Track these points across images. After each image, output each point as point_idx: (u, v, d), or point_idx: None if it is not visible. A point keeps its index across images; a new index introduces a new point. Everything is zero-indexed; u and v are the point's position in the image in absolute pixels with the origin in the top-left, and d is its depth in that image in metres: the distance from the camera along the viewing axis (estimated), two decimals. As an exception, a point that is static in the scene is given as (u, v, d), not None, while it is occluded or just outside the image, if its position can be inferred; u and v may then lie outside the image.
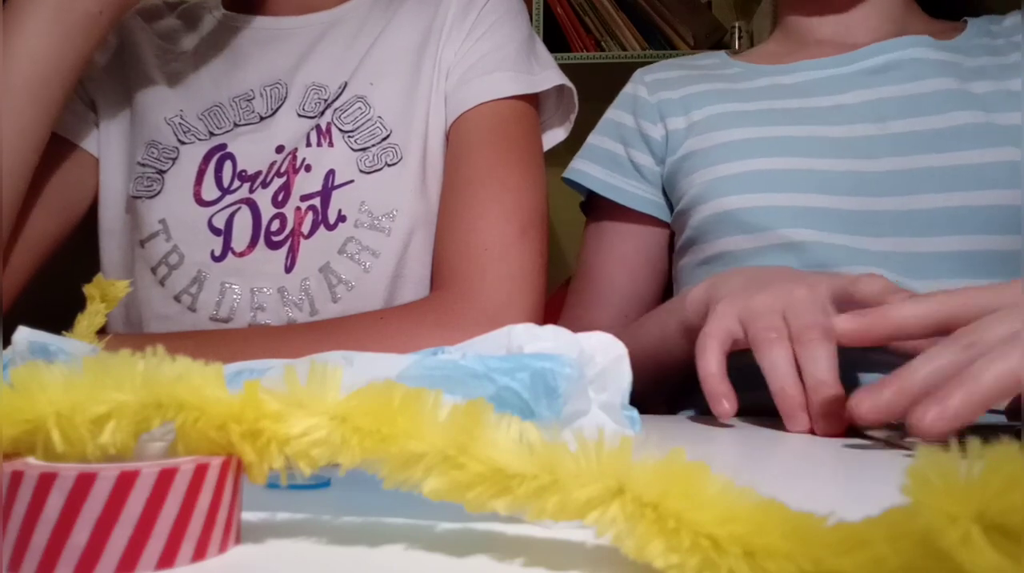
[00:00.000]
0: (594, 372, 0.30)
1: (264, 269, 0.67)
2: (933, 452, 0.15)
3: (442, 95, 0.73)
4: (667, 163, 0.79)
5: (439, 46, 0.73)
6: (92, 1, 0.61)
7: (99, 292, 0.43)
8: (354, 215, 0.68)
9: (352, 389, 0.21)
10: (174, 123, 0.72)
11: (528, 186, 0.70)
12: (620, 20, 1.60)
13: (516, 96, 0.72)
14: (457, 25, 0.74)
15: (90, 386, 0.20)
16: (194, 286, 0.67)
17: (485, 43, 0.73)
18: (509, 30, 0.74)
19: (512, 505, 0.19)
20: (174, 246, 0.68)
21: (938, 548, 0.14)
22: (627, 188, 0.80)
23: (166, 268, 0.68)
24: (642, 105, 0.82)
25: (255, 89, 0.73)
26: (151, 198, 0.70)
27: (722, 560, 0.17)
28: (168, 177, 0.70)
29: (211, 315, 0.67)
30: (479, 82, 0.71)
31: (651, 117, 0.81)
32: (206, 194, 0.69)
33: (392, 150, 0.70)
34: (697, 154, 0.75)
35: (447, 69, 0.73)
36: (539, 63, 0.75)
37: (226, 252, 0.67)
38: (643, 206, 0.80)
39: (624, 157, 0.81)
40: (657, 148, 0.80)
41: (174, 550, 0.19)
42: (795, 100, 0.74)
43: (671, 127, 0.79)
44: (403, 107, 0.72)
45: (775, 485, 0.30)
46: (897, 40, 0.73)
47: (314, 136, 0.70)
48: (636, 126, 0.81)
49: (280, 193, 0.68)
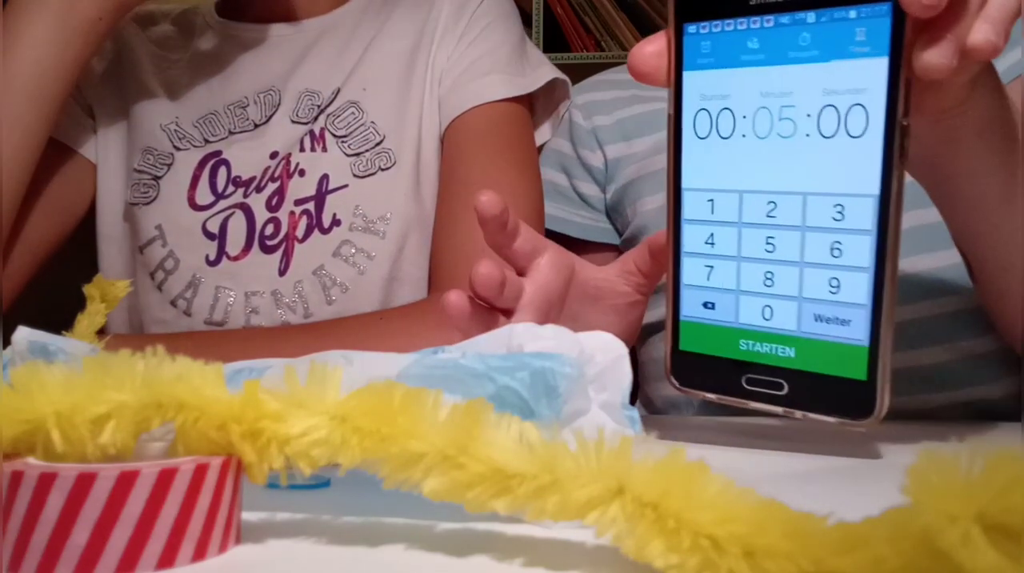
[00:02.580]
0: (594, 371, 0.30)
1: (258, 273, 0.67)
2: (933, 452, 0.15)
3: (435, 99, 0.73)
4: (609, 191, 0.76)
5: (431, 51, 0.74)
6: (91, 7, 0.61)
7: (99, 292, 0.43)
8: (348, 219, 0.68)
9: (352, 388, 0.21)
10: (169, 130, 0.73)
11: (524, 187, 0.71)
12: (620, 20, 1.60)
13: (509, 99, 0.72)
14: (449, 29, 0.74)
15: (90, 386, 0.20)
16: (189, 290, 0.68)
17: (477, 47, 0.74)
18: (501, 33, 0.75)
19: (512, 505, 0.19)
20: (170, 251, 0.69)
21: (938, 548, 0.14)
22: (577, 220, 0.77)
23: (163, 273, 0.69)
24: (578, 131, 0.79)
25: (249, 96, 0.73)
26: (147, 204, 0.70)
27: (722, 560, 0.17)
28: (163, 183, 0.70)
29: (205, 319, 0.68)
30: (472, 86, 0.72)
31: (588, 144, 0.78)
32: (200, 199, 0.69)
33: (385, 155, 0.71)
34: (637, 182, 0.72)
35: (440, 73, 0.73)
36: (530, 64, 0.76)
37: (221, 256, 0.68)
38: (593, 235, 0.77)
39: (568, 187, 0.79)
40: (599, 175, 0.77)
41: (174, 550, 0.19)
42: None
43: (611, 155, 0.76)
44: (396, 112, 0.72)
45: (775, 485, 0.30)
46: None
47: (308, 141, 0.70)
48: (575, 154, 0.78)
49: (274, 198, 0.69)
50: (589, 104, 0.79)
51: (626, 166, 0.75)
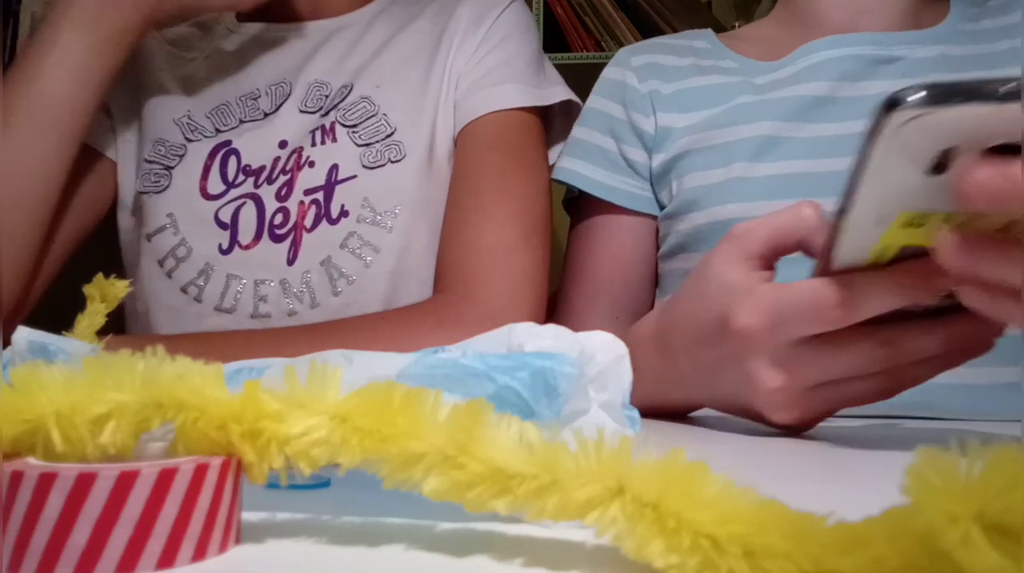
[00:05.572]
0: (595, 371, 0.30)
1: (268, 262, 0.69)
2: (933, 452, 0.15)
3: (451, 103, 0.75)
4: (656, 158, 0.75)
5: (449, 55, 0.76)
6: (120, 20, 0.66)
7: (99, 292, 0.43)
8: (356, 210, 0.70)
9: (352, 388, 0.21)
10: (182, 123, 0.75)
11: (533, 194, 0.72)
12: (620, 20, 1.60)
13: (524, 108, 0.75)
14: (469, 36, 0.77)
15: (90, 386, 0.20)
16: (201, 278, 0.70)
17: (495, 56, 0.76)
18: (519, 45, 0.77)
19: (512, 505, 0.19)
20: (182, 239, 0.71)
21: (938, 548, 0.14)
22: (622, 187, 0.76)
23: (174, 260, 0.71)
24: (632, 94, 0.77)
25: (261, 88, 0.76)
26: (158, 193, 0.73)
27: (722, 560, 0.17)
28: (176, 173, 0.73)
29: (216, 306, 0.70)
30: (488, 92, 0.74)
31: (643, 108, 0.76)
32: (212, 188, 0.72)
33: (396, 147, 0.72)
34: (690, 155, 0.72)
35: (457, 78, 0.76)
36: (547, 79, 0.79)
37: (233, 245, 0.70)
38: (639, 204, 0.76)
39: (616, 153, 0.77)
40: (648, 141, 0.76)
41: (174, 550, 0.19)
42: (790, 93, 0.71)
43: (662, 123, 0.75)
44: (410, 108, 0.74)
45: (775, 485, 0.30)
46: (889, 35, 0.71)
47: (319, 135, 0.72)
48: (627, 118, 0.77)
49: (284, 188, 0.71)
50: (646, 67, 0.78)
51: (677, 138, 0.74)
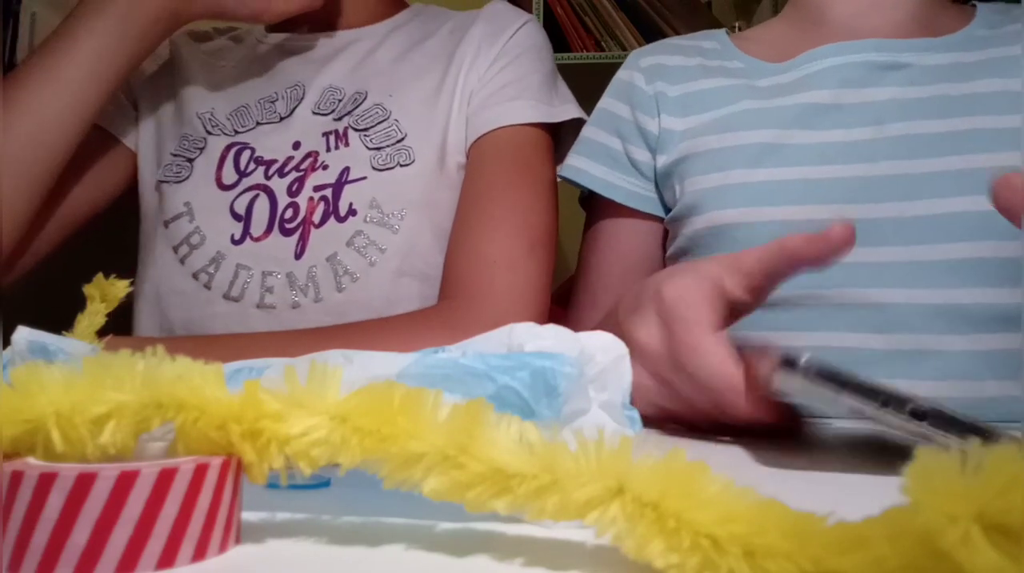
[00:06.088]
0: (595, 371, 0.30)
1: (277, 254, 0.71)
2: (933, 452, 0.15)
3: (463, 116, 0.77)
4: (659, 159, 0.76)
5: (462, 70, 0.78)
6: (151, 10, 0.70)
7: (99, 292, 0.43)
8: (364, 210, 0.72)
9: (352, 388, 0.21)
10: (204, 117, 0.79)
11: (540, 207, 0.75)
12: (620, 20, 1.60)
13: (534, 124, 0.77)
14: (483, 54, 0.79)
15: (90, 386, 0.20)
16: (212, 266, 0.72)
17: (508, 73, 0.78)
18: (532, 63, 0.79)
19: (512, 505, 0.19)
20: (196, 227, 0.73)
21: (938, 548, 0.14)
22: (625, 186, 0.77)
23: (187, 247, 0.73)
24: (639, 95, 0.78)
25: (279, 92, 0.80)
26: (178, 183, 0.76)
27: (722, 560, 0.17)
28: (196, 164, 0.76)
29: (224, 294, 0.72)
30: (500, 108, 0.76)
31: (648, 110, 0.77)
32: (226, 178, 0.75)
33: (406, 151, 0.75)
34: (692, 159, 0.72)
35: (469, 94, 0.78)
36: (559, 97, 0.81)
37: (245, 236, 0.72)
38: (642, 204, 0.77)
39: (621, 152, 0.78)
40: (653, 142, 0.77)
41: (174, 550, 0.19)
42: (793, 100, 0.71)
43: (665, 125, 0.76)
44: (421, 117, 0.76)
45: (775, 485, 0.30)
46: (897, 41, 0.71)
47: (332, 139, 0.75)
48: (633, 118, 0.78)
49: (295, 183, 0.74)
50: (653, 68, 0.80)
51: (680, 140, 0.75)
